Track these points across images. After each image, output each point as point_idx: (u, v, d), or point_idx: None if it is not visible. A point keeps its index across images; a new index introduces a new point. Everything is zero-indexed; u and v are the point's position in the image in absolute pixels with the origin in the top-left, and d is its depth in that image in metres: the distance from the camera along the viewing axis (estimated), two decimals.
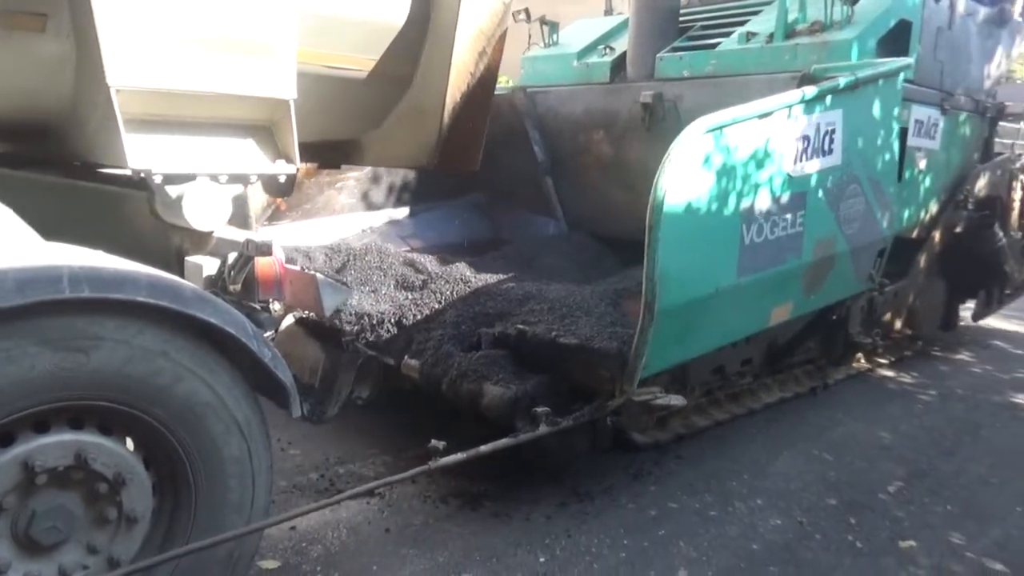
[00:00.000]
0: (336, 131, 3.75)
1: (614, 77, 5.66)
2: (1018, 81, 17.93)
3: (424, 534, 3.24)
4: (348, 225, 5.71)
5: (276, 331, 3.76)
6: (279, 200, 5.47)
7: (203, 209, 2.73)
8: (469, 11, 3.37)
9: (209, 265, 2.78)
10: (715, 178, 3.29)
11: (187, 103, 2.67)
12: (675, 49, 5.34)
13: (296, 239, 5.26)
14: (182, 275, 2.74)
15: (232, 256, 2.76)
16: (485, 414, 3.21)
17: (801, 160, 3.75)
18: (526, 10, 6.11)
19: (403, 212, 6.05)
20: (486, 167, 5.79)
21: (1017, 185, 6.20)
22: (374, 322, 3.92)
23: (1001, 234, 5.85)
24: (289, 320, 3.86)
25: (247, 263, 2.71)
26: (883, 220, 4.52)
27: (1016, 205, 6.22)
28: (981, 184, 5.71)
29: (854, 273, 4.45)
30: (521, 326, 3.45)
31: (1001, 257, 5.86)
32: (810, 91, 3.77)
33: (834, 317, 4.78)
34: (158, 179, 2.64)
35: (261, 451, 2.35)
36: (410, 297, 4.07)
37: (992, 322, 7.17)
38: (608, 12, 6.75)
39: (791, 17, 4.71)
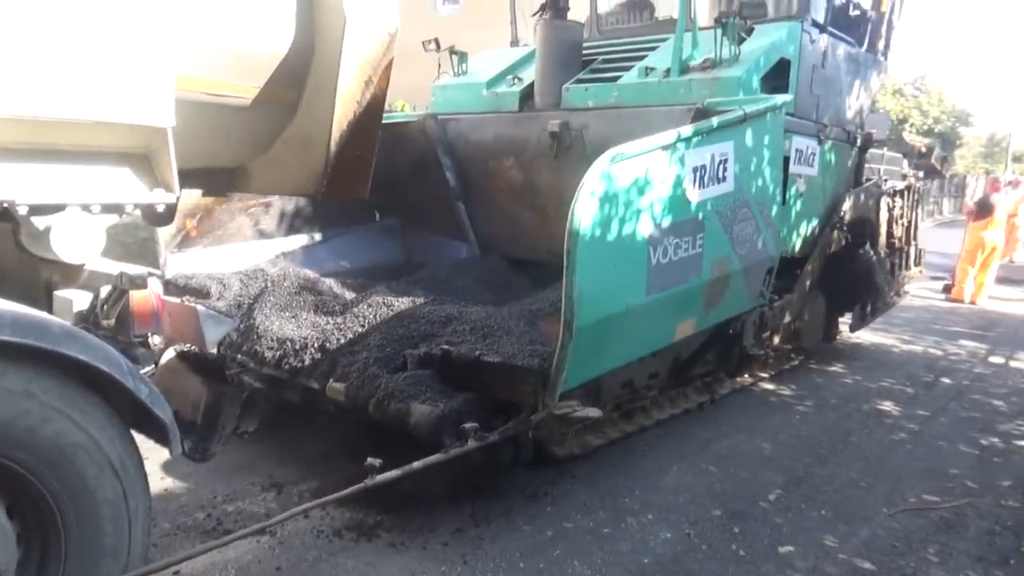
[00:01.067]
0: (220, 158, 3.69)
1: (523, 106, 5.92)
2: (880, 110, 19.60)
3: (317, 569, 3.19)
4: (261, 251, 5.69)
5: (155, 366, 3.61)
6: (190, 226, 5.41)
7: (73, 241, 2.59)
8: (354, 40, 3.39)
9: (80, 299, 2.69)
10: (624, 205, 3.56)
11: (55, 131, 2.56)
12: (580, 81, 5.66)
13: (208, 266, 5.21)
14: (51, 310, 2.68)
15: (105, 289, 2.68)
16: (413, 432, 3.32)
17: (699, 187, 4.09)
18: (436, 40, 6.32)
19: (316, 237, 6.07)
20: (398, 192, 5.95)
21: (883, 207, 6.86)
22: (297, 347, 3.97)
23: (872, 252, 6.45)
24: (170, 354, 3.72)
25: (121, 297, 2.64)
26: (771, 241, 4.93)
27: (883, 226, 6.88)
28: (853, 207, 6.30)
29: (747, 290, 4.84)
30: (446, 346, 3.59)
31: (873, 273, 6.45)
32: (706, 125, 4.12)
33: (730, 331, 5.15)
34: (23, 210, 2.50)
35: (138, 492, 2.28)
36: (332, 321, 4.14)
37: (864, 335, 7.75)
38: (514, 43, 7.02)
39: (685, 54, 5.10)
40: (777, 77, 5.20)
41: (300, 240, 5.94)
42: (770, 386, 6.02)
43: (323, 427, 4.56)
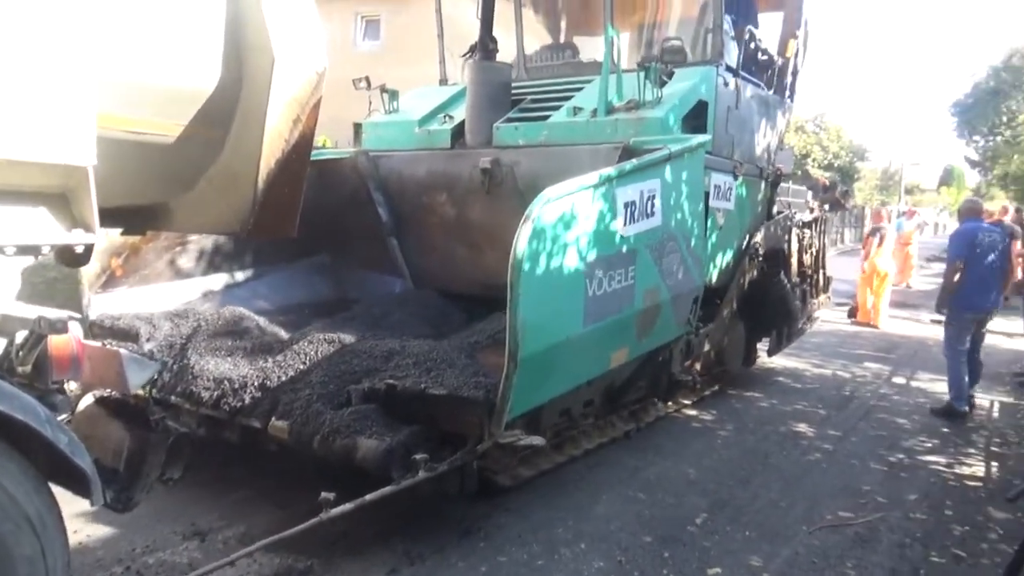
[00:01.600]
0: (141, 196, 3.60)
1: (454, 143, 6.06)
2: (785, 147, 20.73)
3: None
4: (189, 290, 5.60)
5: (72, 413, 3.43)
6: (115, 265, 5.28)
7: None
8: (282, 79, 3.39)
9: None
10: (562, 240, 3.72)
11: None
12: (510, 120, 5.85)
13: (135, 306, 5.09)
14: None
15: (21, 334, 2.56)
16: (361, 466, 3.34)
17: (630, 222, 4.30)
18: (366, 78, 6.41)
19: (246, 274, 6.01)
20: (329, 228, 5.96)
21: (794, 238, 7.30)
22: (236, 386, 3.94)
23: (786, 280, 6.84)
24: (87, 400, 3.57)
25: (39, 342, 2.53)
26: (695, 271, 5.20)
27: (794, 256, 7.32)
28: (766, 238, 6.67)
29: (675, 318, 5.07)
30: (391, 381, 3.64)
31: (788, 301, 6.84)
32: (635, 163, 4.35)
33: (659, 359, 5.37)
34: None
35: (57, 548, 2.17)
36: (272, 359, 4.12)
37: (777, 360, 8.14)
38: (443, 82, 7.18)
39: (610, 95, 5.36)
40: (696, 118, 5.52)
41: (229, 278, 5.87)
42: (693, 412, 6.22)
43: (245, 470, 4.44)
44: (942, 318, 11.63)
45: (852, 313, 11.78)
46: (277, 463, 4.18)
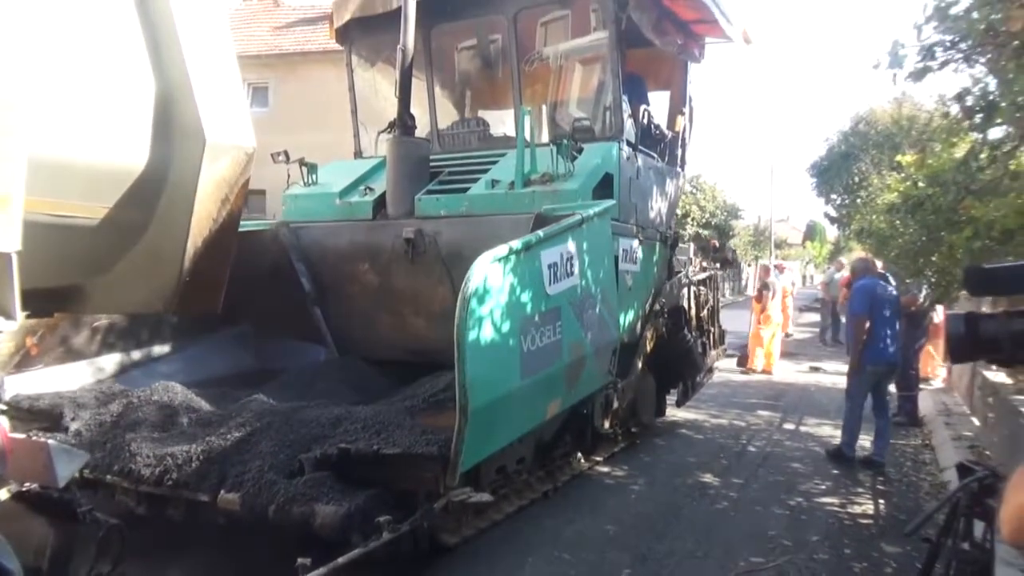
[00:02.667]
0: (56, 278, 3.46)
1: (376, 214, 6.28)
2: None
3: None
4: (108, 366, 5.48)
5: None
6: (30, 344, 5.12)
7: None
8: (212, 162, 3.39)
9: None
10: (498, 301, 4.02)
11: None
12: (431, 192, 6.15)
13: (53, 385, 4.96)
14: None
15: None
16: (319, 533, 3.42)
17: (553, 281, 4.66)
18: (285, 152, 6.57)
19: (165, 348, 5.94)
20: (250, 299, 6.00)
21: (691, 295, 7.90)
22: (179, 461, 3.93)
23: (688, 335, 7.38)
24: (1, 496, 3.32)
25: None
26: (612, 324, 5.59)
27: (693, 311, 7.90)
28: (669, 296, 7.21)
29: (598, 368, 5.42)
30: (343, 445, 3.75)
31: (692, 354, 7.37)
32: (554, 227, 4.73)
33: (584, 412, 5.69)
34: None
35: None
36: (214, 432, 4.13)
37: (678, 413, 8.50)
38: (358, 155, 7.43)
39: (526, 168, 5.77)
40: (603, 188, 6.00)
41: (150, 352, 5.78)
42: (606, 468, 6.34)
43: (186, 552, 4.26)
44: (820, 365, 12.68)
45: (742, 361, 12.61)
46: (210, 540, 4.11)
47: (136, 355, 5.62)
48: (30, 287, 2.84)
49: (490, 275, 3.98)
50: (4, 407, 4.75)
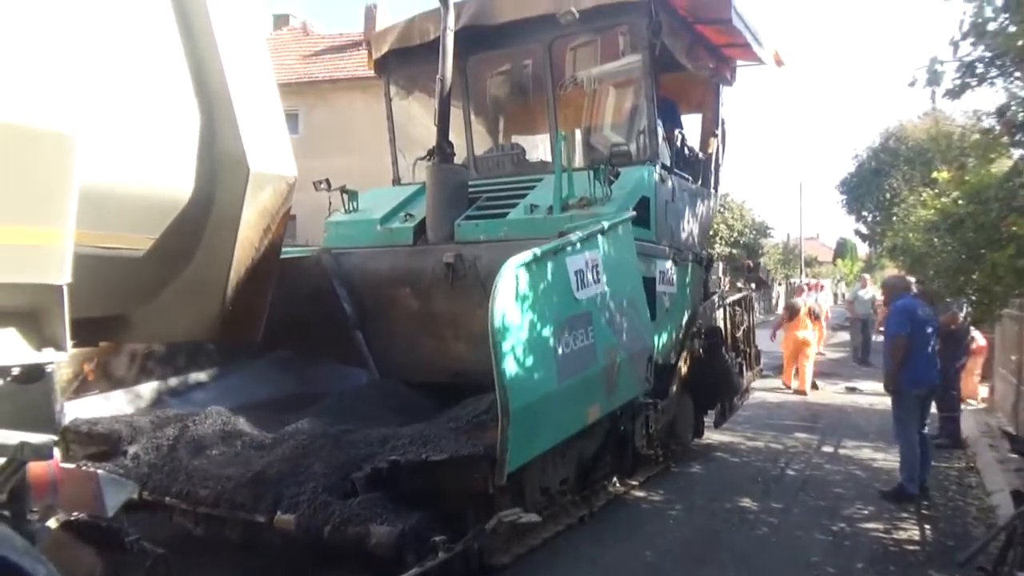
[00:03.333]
0: (102, 308, 3.44)
1: (416, 240, 6.41)
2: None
3: None
4: (160, 391, 5.64)
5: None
6: (87, 370, 5.30)
7: None
8: (255, 192, 3.40)
9: None
10: (528, 304, 4.19)
11: None
12: (470, 217, 6.27)
13: (110, 410, 5.13)
14: None
15: None
16: (374, 552, 3.50)
17: (580, 287, 4.79)
18: (327, 180, 6.75)
19: (213, 373, 6.08)
20: (292, 324, 6.15)
21: (728, 316, 7.92)
22: (235, 483, 4.04)
23: (726, 356, 7.38)
24: (51, 525, 3.24)
25: (18, 469, 2.36)
26: (646, 333, 5.63)
27: (729, 331, 7.91)
28: (705, 317, 7.24)
29: (634, 375, 5.44)
30: (393, 457, 3.84)
31: (730, 374, 7.37)
32: (578, 235, 4.88)
33: (623, 429, 5.72)
34: None
35: None
36: (267, 455, 4.24)
37: (713, 435, 8.38)
38: (396, 182, 7.59)
39: (564, 193, 5.86)
40: (640, 211, 6.08)
41: (199, 376, 5.93)
42: (642, 493, 6.25)
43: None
44: (856, 385, 12.48)
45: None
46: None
47: (186, 380, 5.77)
48: (76, 317, 2.82)
49: (520, 279, 4.15)
50: (63, 433, 4.93)
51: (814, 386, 12.55)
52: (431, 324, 6.29)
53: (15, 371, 2.66)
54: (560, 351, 4.39)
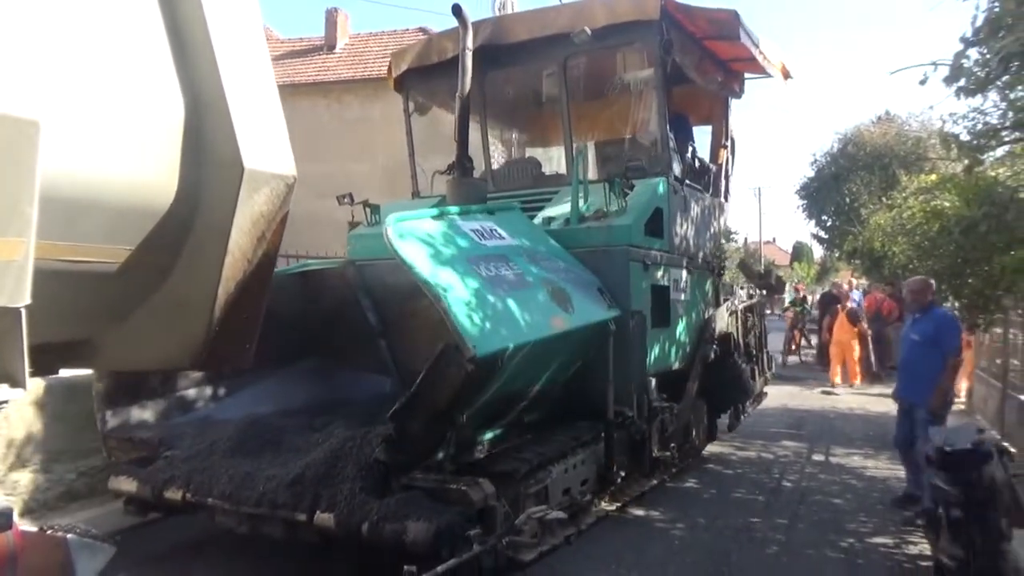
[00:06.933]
0: (65, 333, 2.96)
1: None
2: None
3: None
4: (195, 397, 5.87)
5: None
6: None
7: None
8: (250, 193, 2.89)
9: None
10: (435, 250, 4.83)
11: None
12: None
13: (146, 416, 5.36)
14: None
15: None
16: (411, 548, 3.71)
17: (484, 239, 5.26)
18: (350, 194, 7.00)
19: (237, 382, 6.30)
20: (317, 334, 6.39)
21: (739, 321, 8.11)
22: (276, 484, 4.27)
23: (739, 361, 7.58)
24: None
25: None
26: (581, 271, 5.72)
27: (741, 337, 8.10)
28: (717, 324, 7.43)
29: (591, 300, 5.48)
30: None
31: (742, 379, 7.56)
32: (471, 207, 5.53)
33: (638, 438, 5.92)
34: None
35: None
36: (305, 456, 4.46)
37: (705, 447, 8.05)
38: (416, 195, 7.85)
39: (581, 206, 6.09)
40: (654, 222, 6.31)
41: (224, 387, 6.14)
42: (640, 512, 6.14)
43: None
44: (833, 389, 12.70)
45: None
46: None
47: (209, 391, 5.99)
48: (34, 343, 2.38)
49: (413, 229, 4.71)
50: (104, 440, 5.17)
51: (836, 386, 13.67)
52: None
53: None
54: (484, 273, 4.73)
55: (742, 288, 9.48)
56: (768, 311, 12.85)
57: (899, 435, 6.40)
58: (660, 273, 6.35)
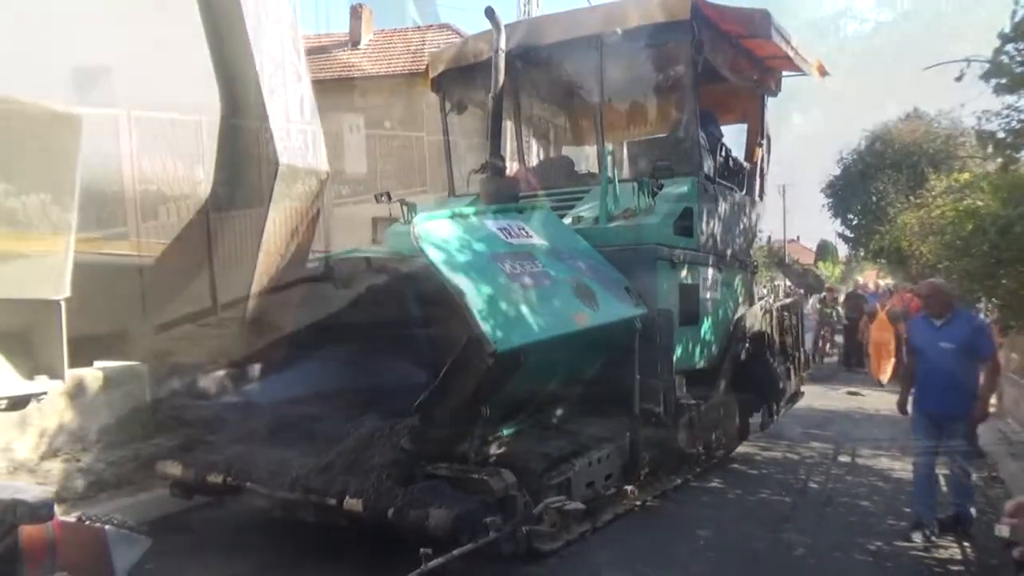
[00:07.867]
0: (99, 324, 2.96)
1: None
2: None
3: None
4: (229, 386, 6.10)
5: None
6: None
7: None
8: (284, 189, 2.86)
9: None
10: (458, 244, 5.03)
11: None
12: None
13: (189, 399, 5.63)
14: None
15: None
16: (433, 534, 3.89)
17: (511, 237, 5.41)
18: (387, 193, 7.20)
19: (278, 366, 6.53)
20: (355, 322, 6.59)
21: (775, 320, 8.08)
22: (309, 470, 4.52)
23: (772, 360, 7.57)
24: None
25: (9, 532, 2.06)
26: (607, 269, 5.79)
27: (776, 336, 8.07)
28: (750, 322, 7.44)
29: (616, 297, 5.56)
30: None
31: (775, 378, 7.54)
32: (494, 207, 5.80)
33: (664, 435, 5.99)
34: None
35: None
36: (337, 444, 4.68)
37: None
38: (451, 193, 8.02)
39: (609, 205, 6.19)
40: (684, 221, 6.36)
41: (273, 368, 6.37)
42: (664, 509, 6.06)
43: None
44: (856, 389, 12.46)
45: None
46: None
47: (261, 372, 6.23)
48: (70, 335, 2.40)
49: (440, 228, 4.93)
50: (153, 409, 5.43)
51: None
52: None
53: (2, 404, 2.32)
54: (508, 270, 4.87)
55: (776, 284, 9.39)
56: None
57: (926, 457, 5.62)
58: (689, 272, 6.40)
